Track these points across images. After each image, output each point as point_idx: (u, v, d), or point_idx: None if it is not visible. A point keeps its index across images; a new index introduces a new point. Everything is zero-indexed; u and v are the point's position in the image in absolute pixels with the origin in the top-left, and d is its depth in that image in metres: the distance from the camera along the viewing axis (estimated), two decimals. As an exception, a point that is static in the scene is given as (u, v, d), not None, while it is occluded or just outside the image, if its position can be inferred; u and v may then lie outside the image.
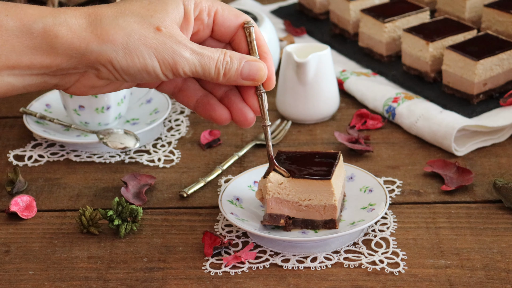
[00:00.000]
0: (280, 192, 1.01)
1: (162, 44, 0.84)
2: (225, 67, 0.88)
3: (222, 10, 0.90)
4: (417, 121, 1.25)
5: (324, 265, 0.99)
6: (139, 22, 0.84)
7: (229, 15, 0.90)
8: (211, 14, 0.90)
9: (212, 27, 0.90)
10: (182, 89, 0.93)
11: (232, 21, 0.90)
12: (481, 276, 0.97)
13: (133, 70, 0.85)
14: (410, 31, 1.35)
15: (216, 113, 0.92)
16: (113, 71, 0.85)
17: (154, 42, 0.84)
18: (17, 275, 1.00)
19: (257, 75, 0.89)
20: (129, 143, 1.22)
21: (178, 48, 0.85)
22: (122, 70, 0.84)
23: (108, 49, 0.83)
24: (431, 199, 1.11)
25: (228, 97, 0.92)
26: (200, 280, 0.98)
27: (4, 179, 1.19)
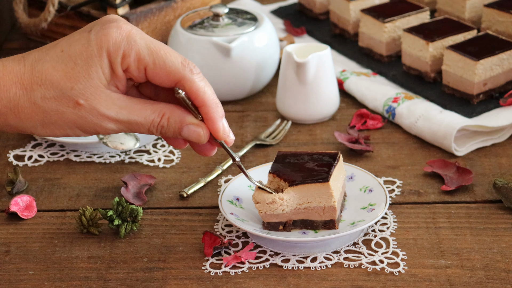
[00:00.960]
0: (272, 210, 1.01)
1: (82, 118, 0.83)
2: (160, 131, 0.86)
3: (152, 67, 0.84)
4: (417, 121, 1.25)
5: (324, 265, 0.99)
6: (57, 98, 0.83)
7: (159, 73, 0.84)
8: (141, 69, 0.84)
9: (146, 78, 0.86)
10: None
11: (163, 79, 0.85)
12: (481, 276, 0.97)
13: (55, 136, 0.85)
14: (410, 31, 1.35)
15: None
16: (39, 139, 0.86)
17: (73, 117, 0.83)
18: (17, 275, 1.00)
19: (196, 140, 0.87)
20: (129, 143, 1.22)
21: (100, 122, 0.83)
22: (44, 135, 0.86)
23: (26, 125, 0.84)
24: (431, 199, 1.11)
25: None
26: (200, 280, 0.98)
27: (4, 179, 1.19)
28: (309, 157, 1.05)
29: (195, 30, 1.34)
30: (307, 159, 1.04)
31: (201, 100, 0.86)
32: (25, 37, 1.58)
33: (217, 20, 1.35)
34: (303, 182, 1.01)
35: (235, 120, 1.32)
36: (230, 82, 1.33)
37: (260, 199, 1.01)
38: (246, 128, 1.29)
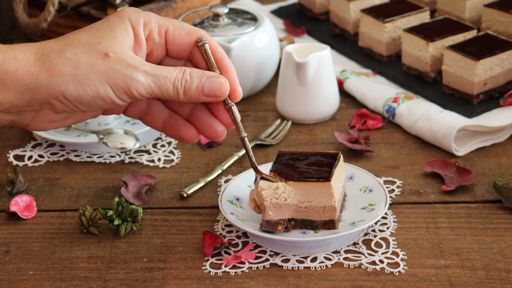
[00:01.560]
0: (277, 197, 1.00)
1: (112, 69, 0.84)
2: (184, 86, 0.87)
3: (173, 29, 0.89)
4: (417, 121, 1.25)
5: (324, 265, 0.99)
6: (86, 51, 0.84)
7: (180, 33, 0.89)
8: (161, 33, 0.89)
9: (166, 46, 0.90)
10: (147, 112, 0.92)
11: (184, 39, 0.89)
12: (481, 276, 0.97)
13: (86, 99, 0.84)
14: (410, 31, 1.35)
15: (183, 132, 0.91)
16: (67, 103, 0.85)
17: (103, 68, 0.84)
18: (17, 275, 1.00)
19: (218, 91, 0.89)
20: (129, 143, 1.22)
21: (130, 72, 0.84)
22: (75, 101, 0.84)
23: (57, 82, 0.83)
24: (431, 199, 1.11)
25: (195, 114, 0.92)
26: (200, 280, 0.98)
27: (4, 179, 1.19)
28: (310, 157, 1.05)
29: (195, 30, 1.34)
30: (307, 159, 1.05)
31: (220, 53, 0.90)
32: (25, 37, 1.58)
33: (217, 20, 1.35)
34: (305, 179, 1.01)
35: (235, 120, 1.32)
36: (230, 82, 1.33)
37: (266, 186, 1.00)
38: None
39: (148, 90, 0.85)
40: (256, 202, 1.02)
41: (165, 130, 0.93)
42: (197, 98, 0.88)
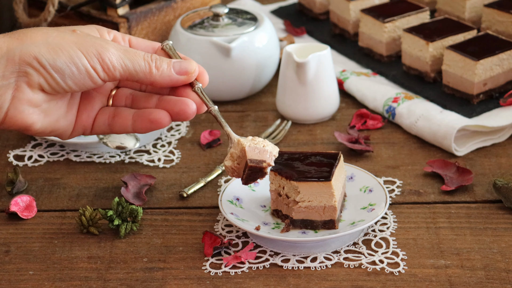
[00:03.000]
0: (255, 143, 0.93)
1: (82, 39, 0.86)
2: (155, 62, 0.88)
3: (136, 40, 0.92)
4: (417, 121, 1.25)
5: (324, 265, 0.99)
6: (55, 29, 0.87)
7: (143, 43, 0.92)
8: (125, 39, 0.91)
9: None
10: (115, 115, 0.92)
11: (147, 45, 0.92)
12: (481, 276, 0.97)
13: (59, 63, 0.84)
14: (410, 31, 1.35)
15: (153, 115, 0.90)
16: (41, 70, 0.84)
17: (74, 38, 0.86)
18: (17, 275, 1.00)
19: (189, 67, 0.89)
20: (129, 143, 1.22)
21: (100, 42, 0.86)
22: (49, 66, 0.84)
23: (29, 46, 0.84)
24: (431, 199, 1.11)
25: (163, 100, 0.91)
26: (200, 280, 0.98)
27: (4, 179, 1.19)
28: (310, 157, 1.05)
29: (195, 30, 1.34)
30: (307, 158, 1.05)
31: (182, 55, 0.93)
32: (25, 37, 1.57)
33: (217, 20, 1.35)
34: (305, 179, 1.01)
35: (235, 120, 1.32)
36: (230, 82, 1.33)
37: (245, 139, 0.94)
38: (246, 128, 1.29)
39: (120, 62, 0.86)
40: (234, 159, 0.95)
41: (136, 124, 0.91)
42: (170, 75, 0.89)
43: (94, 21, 1.45)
